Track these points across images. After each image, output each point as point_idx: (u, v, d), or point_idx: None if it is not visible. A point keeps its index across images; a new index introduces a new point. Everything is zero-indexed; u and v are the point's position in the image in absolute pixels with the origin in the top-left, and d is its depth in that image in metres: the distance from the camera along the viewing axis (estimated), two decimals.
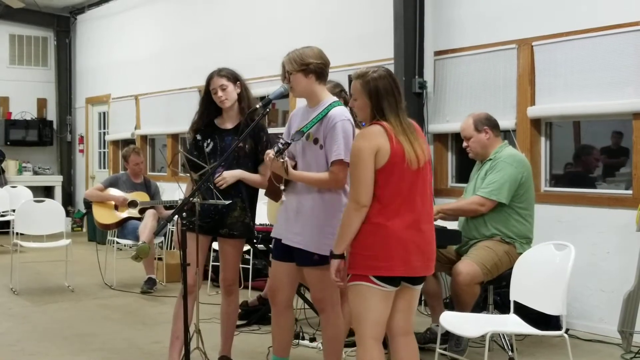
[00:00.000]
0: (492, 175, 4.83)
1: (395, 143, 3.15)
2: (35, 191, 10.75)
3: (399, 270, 3.19)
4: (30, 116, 12.99)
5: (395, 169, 3.16)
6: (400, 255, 3.17)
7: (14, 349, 5.13)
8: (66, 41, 13.22)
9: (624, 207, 5.33)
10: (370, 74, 3.24)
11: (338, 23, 7.62)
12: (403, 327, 3.34)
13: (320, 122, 3.62)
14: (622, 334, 4.94)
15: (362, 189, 3.14)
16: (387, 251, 3.16)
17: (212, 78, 4.30)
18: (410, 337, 3.37)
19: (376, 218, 3.16)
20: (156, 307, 6.51)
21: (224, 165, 4.10)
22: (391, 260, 3.16)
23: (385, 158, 3.14)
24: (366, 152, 3.13)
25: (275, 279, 3.89)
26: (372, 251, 3.17)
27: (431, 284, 5.01)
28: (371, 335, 3.22)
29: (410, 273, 3.23)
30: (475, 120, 5.02)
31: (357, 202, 3.15)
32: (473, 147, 5.05)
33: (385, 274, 3.17)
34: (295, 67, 3.66)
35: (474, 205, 4.84)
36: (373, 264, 3.17)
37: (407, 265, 3.19)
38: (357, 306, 3.23)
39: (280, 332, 3.94)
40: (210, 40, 9.57)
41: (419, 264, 3.23)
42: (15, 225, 7.44)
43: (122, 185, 7.49)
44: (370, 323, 3.21)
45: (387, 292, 3.21)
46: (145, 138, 11.20)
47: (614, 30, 5.36)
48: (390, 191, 3.16)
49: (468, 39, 6.40)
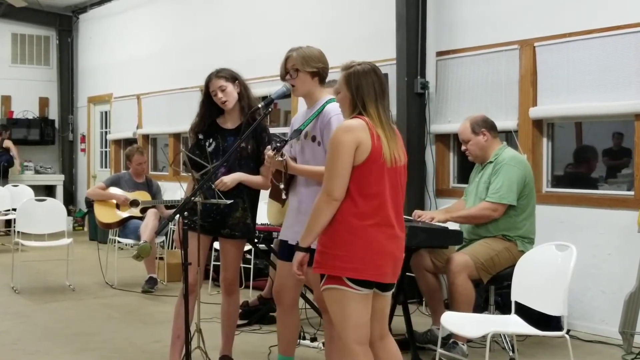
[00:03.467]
0: (498, 179, 4.82)
1: (376, 140, 3.05)
2: (36, 190, 10.76)
3: (369, 274, 3.06)
4: (32, 115, 13.01)
5: (373, 167, 3.06)
6: (373, 259, 3.06)
7: (14, 347, 5.14)
8: (68, 40, 13.23)
9: (625, 208, 5.32)
10: (355, 67, 3.16)
11: (339, 23, 7.62)
12: (379, 332, 3.25)
13: (316, 119, 3.64)
14: (623, 335, 4.93)
15: (337, 181, 3.03)
16: (360, 253, 3.04)
17: (211, 80, 4.29)
18: (387, 339, 3.28)
19: (352, 217, 3.05)
20: (157, 306, 6.51)
21: (225, 165, 4.10)
22: (363, 263, 3.05)
23: (365, 154, 3.04)
24: (347, 145, 3.02)
25: (281, 279, 3.90)
26: (344, 251, 3.05)
27: (432, 286, 5.02)
28: (354, 340, 3.11)
29: (380, 279, 3.10)
30: (472, 123, 5.02)
31: (329, 194, 3.04)
32: (472, 150, 5.05)
33: (355, 277, 3.05)
34: (307, 67, 3.66)
35: (486, 211, 4.82)
36: (344, 265, 3.05)
37: (378, 270, 3.08)
38: (335, 312, 3.14)
39: (285, 331, 3.95)
40: (211, 39, 9.57)
41: (389, 270, 3.12)
42: (17, 224, 7.44)
43: (124, 184, 7.50)
44: (351, 327, 3.11)
45: (363, 295, 3.09)
46: (147, 137, 11.21)
47: (616, 32, 5.36)
48: (368, 190, 3.06)
49: (470, 40, 6.40)
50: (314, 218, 3.10)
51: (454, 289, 4.66)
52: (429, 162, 6.76)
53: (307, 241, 3.17)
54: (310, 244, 3.17)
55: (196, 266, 4.08)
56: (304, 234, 3.18)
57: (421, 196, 6.70)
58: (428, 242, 4.66)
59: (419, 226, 4.58)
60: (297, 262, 3.23)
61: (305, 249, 3.19)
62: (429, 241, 4.62)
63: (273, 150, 3.49)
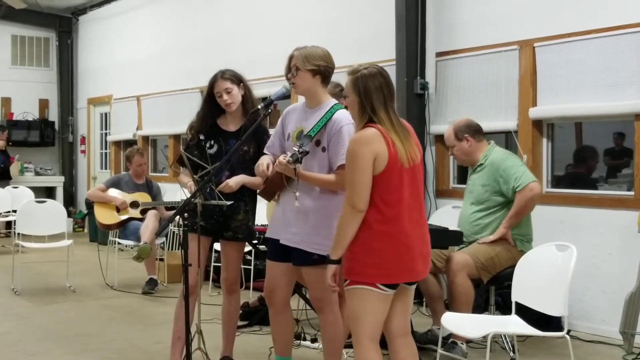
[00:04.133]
0: (510, 173, 4.82)
1: (392, 147, 3.10)
2: (36, 192, 10.76)
3: (403, 277, 3.17)
4: (32, 117, 13.01)
5: (394, 174, 3.11)
6: (405, 261, 3.13)
7: (15, 349, 5.14)
8: (68, 42, 13.24)
9: (625, 209, 5.32)
10: (361, 71, 3.19)
11: (340, 24, 7.62)
12: (402, 328, 3.31)
13: (325, 126, 3.62)
14: (623, 335, 4.93)
15: (359, 194, 3.08)
16: (392, 259, 3.11)
17: (216, 81, 4.25)
18: (408, 337, 3.34)
19: (378, 225, 3.10)
20: (157, 307, 6.51)
21: (228, 168, 4.10)
22: (395, 268, 3.12)
23: (384, 164, 3.09)
24: (365, 158, 3.06)
25: (272, 279, 3.88)
26: (375, 259, 3.11)
27: (433, 286, 5.02)
28: (368, 336, 3.18)
29: (414, 278, 3.22)
30: (456, 129, 5.06)
31: (353, 206, 3.09)
32: (457, 155, 5.14)
33: (388, 282, 3.13)
34: (307, 65, 3.65)
35: (523, 200, 4.75)
36: (377, 272, 3.11)
37: (410, 272, 3.17)
38: (355, 308, 3.19)
39: (280, 331, 3.95)
40: (211, 40, 9.57)
41: (421, 268, 3.21)
42: (17, 225, 7.44)
43: (124, 185, 7.50)
44: (368, 324, 3.17)
45: (387, 295, 3.17)
46: (147, 139, 11.21)
47: (616, 32, 5.36)
48: (391, 197, 3.11)
49: (470, 40, 6.40)
50: (342, 230, 3.15)
51: (454, 287, 4.67)
52: (429, 162, 6.76)
53: (338, 253, 3.21)
54: (340, 255, 3.21)
55: (196, 267, 4.08)
56: (333, 247, 3.22)
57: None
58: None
59: None
60: (330, 275, 3.25)
61: (337, 261, 3.23)
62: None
63: (295, 162, 3.45)
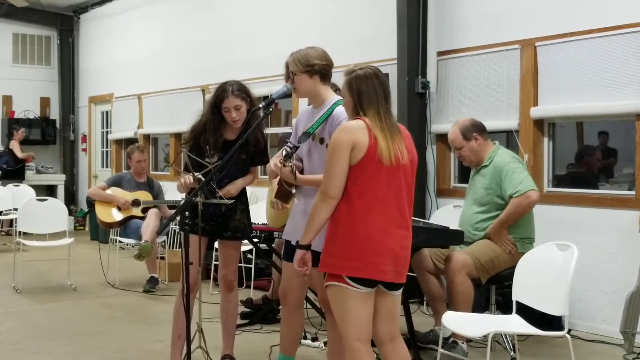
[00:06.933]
0: (512, 178, 4.79)
1: (373, 140, 3.09)
2: (38, 190, 10.75)
3: (366, 272, 3.10)
4: (33, 115, 13.02)
5: (370, 166, 3.09)
6: (368, 256, 3.08)
7: (16, 347, 5.14)
8: (69, 40, 13.23)
9: (626, 208, 5.32)
10: (357, 71, 3.20)
11: (340, 23, 7.62)
12: (389, 333, 3.26)
13: (325, 122, 3.63)
14: (624, 334, 4.93)
15: (332, 180, 3.09)
16: (354, 251, 3.08)
17: (227, 97, 4.19)
18: (397, 341, 3.29)
19: (347, 216, 3.09)
20: (158, 306, 6.52)
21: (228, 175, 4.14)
22: (358, 261, 3.08)
23: (362, 153, 3.07)
24: (343, 145, 3.07)
25: (286, 280, 3.91)
26: (340, 250, 3.11)
27: (434, 287, 5.02)
28: (355, 338, 3.14)
29: (379, 277, 3.11)
30: (462, 129, 5.03)
31: (325, 193, 3.10)
32: (466, 156, 5.06)
33: (352, 275, 3.09)
34: (300, 68, 3.65)
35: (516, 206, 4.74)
36: (341, 264, 3.10)
37: (376, 267, 3.09)
38: (336, 308, 3.19)
39: (289, 331, 3.97)
40: (213, 40, 9.58)
41: (388, 268, 3.11)
42: (18, 224, 7.45)
43: (125, 184, 7.50)
44: (352, 324, 3.14)
45: (363, 293, 3.12)
46: (148, 137, 11.21)
47: (617, 31, 5.36)
48: (363, 188, 3.09)
49: (471, 40, 6.40)
50: (312, 216, 3.18)
51: (453, 287, 4.68)
52: (430, 162, 6.76)
53: (307, 239, 3.22)
54: (309, 241, 3.23)
55: (197, 266, 4.09)
56: (304, 232, 3.24)
57: (422, 196, 6.70)
58: (429, 242, 4.66)
59: (419, 226, 4.58)
60: (297, 260, 3.28)
61: (305, 247, 3.24)
62: (429, 241, 4.62)
63: (285, 157, 3.46)
